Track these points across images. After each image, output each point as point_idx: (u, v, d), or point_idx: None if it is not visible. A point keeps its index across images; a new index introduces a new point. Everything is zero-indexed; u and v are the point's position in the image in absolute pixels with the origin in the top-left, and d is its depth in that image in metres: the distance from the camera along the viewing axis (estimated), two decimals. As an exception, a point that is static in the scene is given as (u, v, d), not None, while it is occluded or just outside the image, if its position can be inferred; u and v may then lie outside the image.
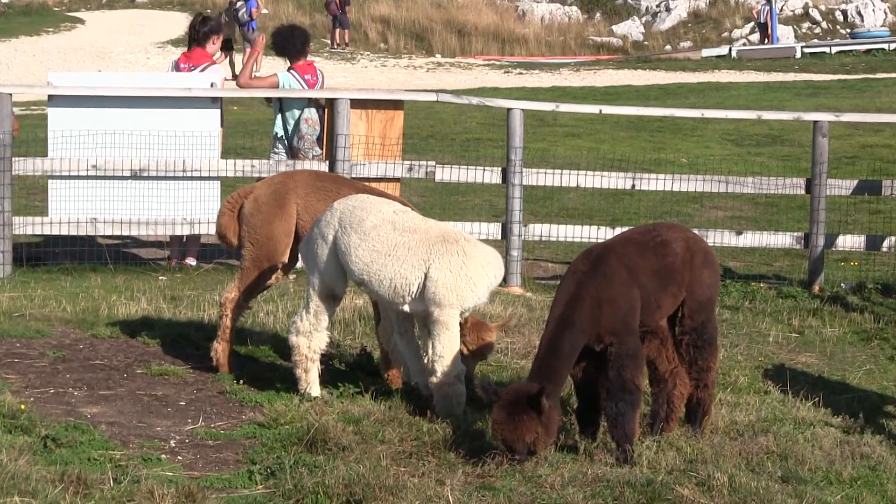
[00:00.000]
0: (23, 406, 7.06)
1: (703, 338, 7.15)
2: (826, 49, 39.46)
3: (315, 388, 7.57)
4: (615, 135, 21.06)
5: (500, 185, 11.94)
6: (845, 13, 45.29)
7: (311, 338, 7.50)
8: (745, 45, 42.08)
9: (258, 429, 7.09)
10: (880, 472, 6.84)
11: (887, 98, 26.26)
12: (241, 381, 7.96)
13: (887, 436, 7.50)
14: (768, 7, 41.85)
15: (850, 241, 12.03)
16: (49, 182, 11.33)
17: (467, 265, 7.14)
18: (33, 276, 10.94)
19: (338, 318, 8.97)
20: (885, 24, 44.11)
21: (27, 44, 38.20)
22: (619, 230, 9.23)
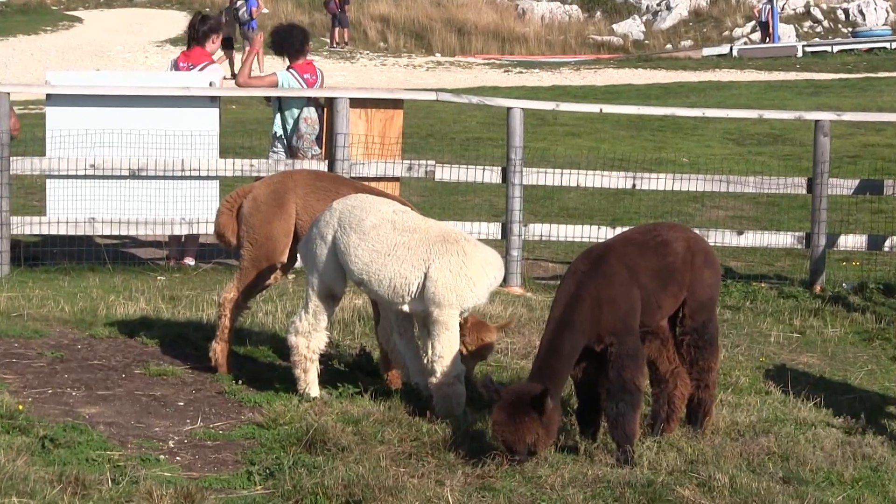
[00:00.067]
0: (21, 406, 7.04)
1: (704, 338, 7.13)
2: (827, 48, 39.44)
3: (314, 389, 7.55)
4: (616, 134, 21.03)
5: (500, 185, 11.91)
6: (847, 12, 45.24)
7: (310, 338, 7.48)
8: (746, 43, 42.04)
9: (257, 429, 7.07)
10: (882, 472, 6.83)
11: (889, 97, 26.23)
12: (240, 381, 7.95)
13: (889, 436, 7.49)
14: (769, 6, 41.82)
15: (852, 241, 12.00)
16: (47, 181, 11.31)
17: (467, 265, 7.12)
18: (31, 275, 10.91)
19: (337, 318, 8.95)
20: (886, 23, 44.03)
21: (25, 43, 38.17)
22: (619, 230, 9.20)
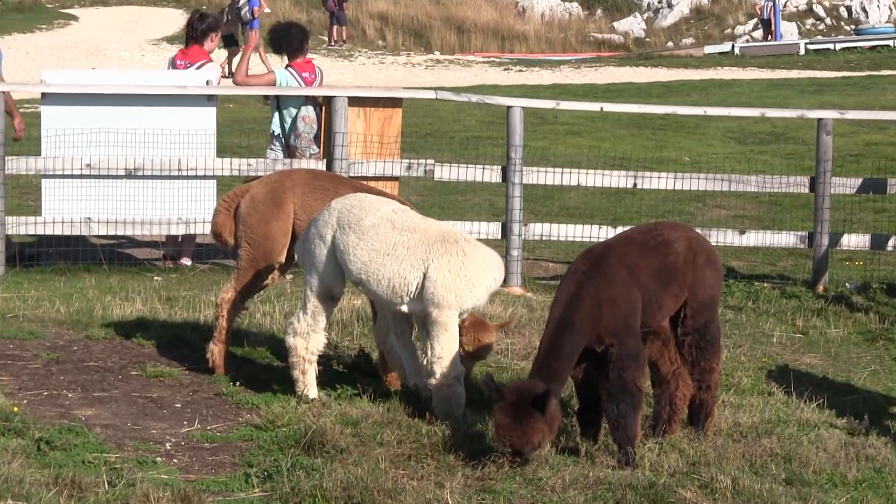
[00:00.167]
0: (16, 408, 7.01)
1: (706, 338, 7.12)
2: (830, 46, 39.37)
3: (312, 390, 7.52)
4: (616, 133, 21.00)
5: (500, 184, 11.88)
6: (850, 9, 45.16)
7: (309, 339, 7.45)
8: (748, 41, 42.00)
9: (255, 431, 7.05)
10: (885, 474, 6.81)
11: (892, 95, 26.21)
12: (238, 382, 7.92)
13: (893, 438, 7.47)
14: (772, 3, 41.76)
15: (855, 241, 11.96)
16: (42, 181, 11.26)
17: (467, 266, 7.09)
18: (27, 276, 10.88)
19: (335, 319, 8.93)
20: (889, 21, 43.95)
21: (20, 41, 38.08)
22: (620, 229, 9.15)
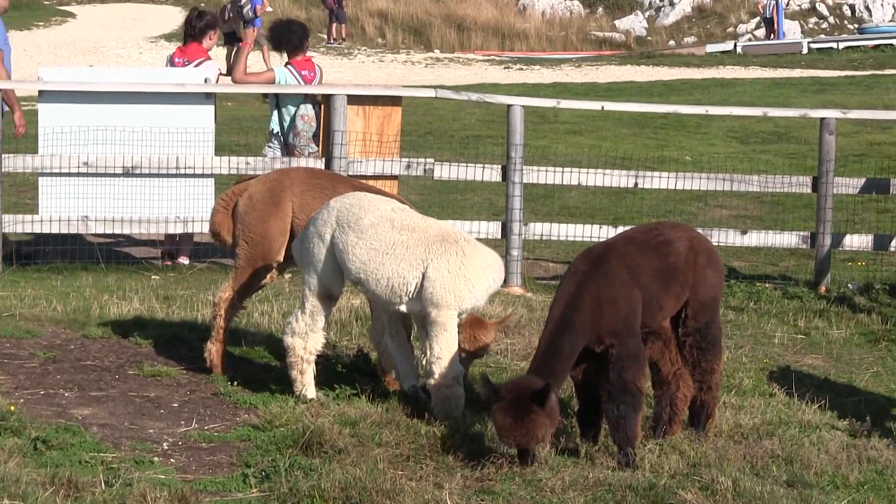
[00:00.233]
0: (12, 407, 7.00)
1: (707, 339, 7.10)
2: (833, 45, 39.34)
3: (311, 390, 7.50)
4: (617, 132, 20.97)
5: (500, 183, 11.85)
6: (853, 8, 45.15)
7: (307, 339, 7.43)
8: (750, 40, 41.97)
9: (253, 431, 7.04)
10: (887, 476, 6.79)
11: (895, 95, 26.16)
12: (236, 382, 7.91)
13: (895, 439, 7.43)
14: (774, 2, 41.74)
15: (858, 241, 11.93)
16: (39, 179, 11.24)
17: (466, 266, 7.06)
18: (23, 275, 10.86)
19: (334, 319, 8.91)
20: (893, 20, 43.95)
21: (17, 38, 38.00)
22: (621, 229, 9.11)
